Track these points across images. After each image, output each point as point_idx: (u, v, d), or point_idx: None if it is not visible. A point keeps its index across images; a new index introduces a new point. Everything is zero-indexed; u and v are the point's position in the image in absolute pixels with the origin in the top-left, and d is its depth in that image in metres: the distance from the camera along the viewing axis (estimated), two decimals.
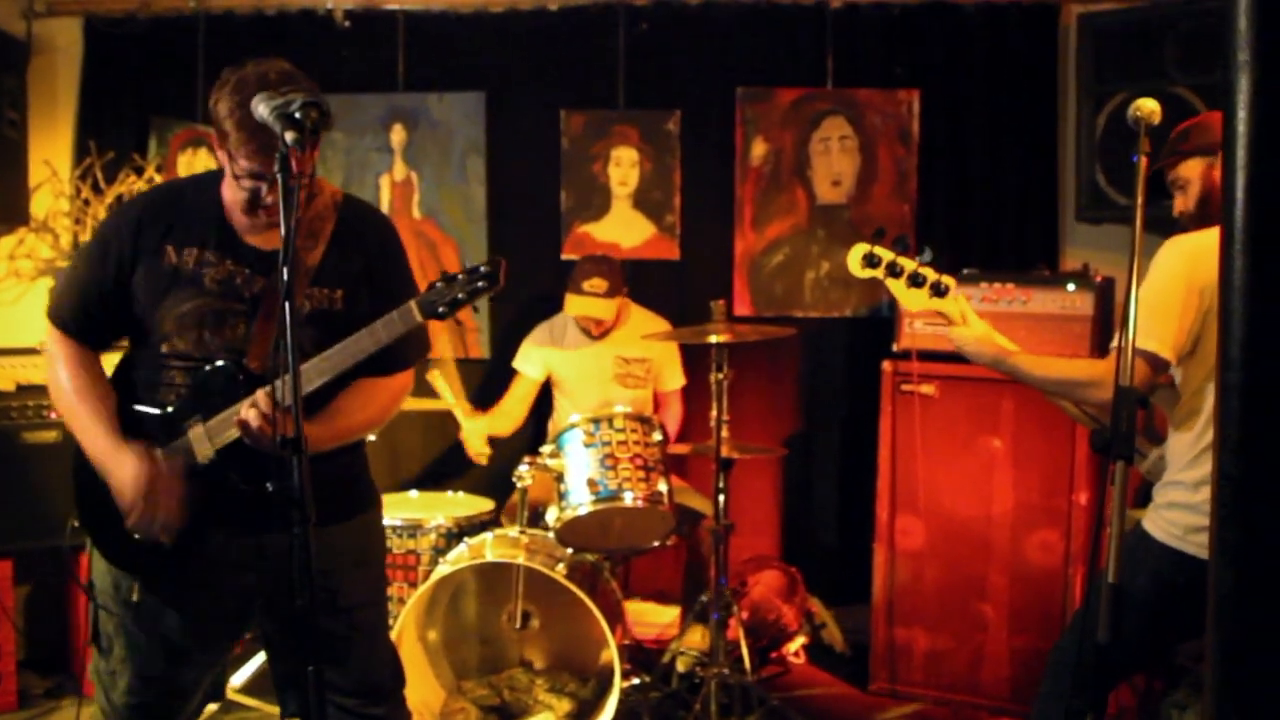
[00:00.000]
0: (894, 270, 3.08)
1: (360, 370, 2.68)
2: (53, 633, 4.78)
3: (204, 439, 2.63)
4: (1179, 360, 2.87)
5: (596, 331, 4.93)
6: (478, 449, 4.89)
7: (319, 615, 2.68)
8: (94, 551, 2.77)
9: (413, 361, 2.86)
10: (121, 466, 2.60)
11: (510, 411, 5.11)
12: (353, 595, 2.79)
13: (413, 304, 2.54)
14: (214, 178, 2.76)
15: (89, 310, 2.71)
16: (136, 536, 2.62)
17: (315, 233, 2.70)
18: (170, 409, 2.65)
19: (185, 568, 2.67)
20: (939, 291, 3.06)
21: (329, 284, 2.70)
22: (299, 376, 2.28)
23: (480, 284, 2.52)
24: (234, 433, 2.58)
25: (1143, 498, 3.21)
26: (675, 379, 5.21)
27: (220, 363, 2.62)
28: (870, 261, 3.10)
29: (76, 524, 2.78)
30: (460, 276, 2.53)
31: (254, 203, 2.60)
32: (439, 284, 2.54)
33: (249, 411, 2.51)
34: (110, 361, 2.80)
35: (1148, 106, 2.57)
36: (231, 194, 2.66)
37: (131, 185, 5.18)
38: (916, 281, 3.07)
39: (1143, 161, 2.53)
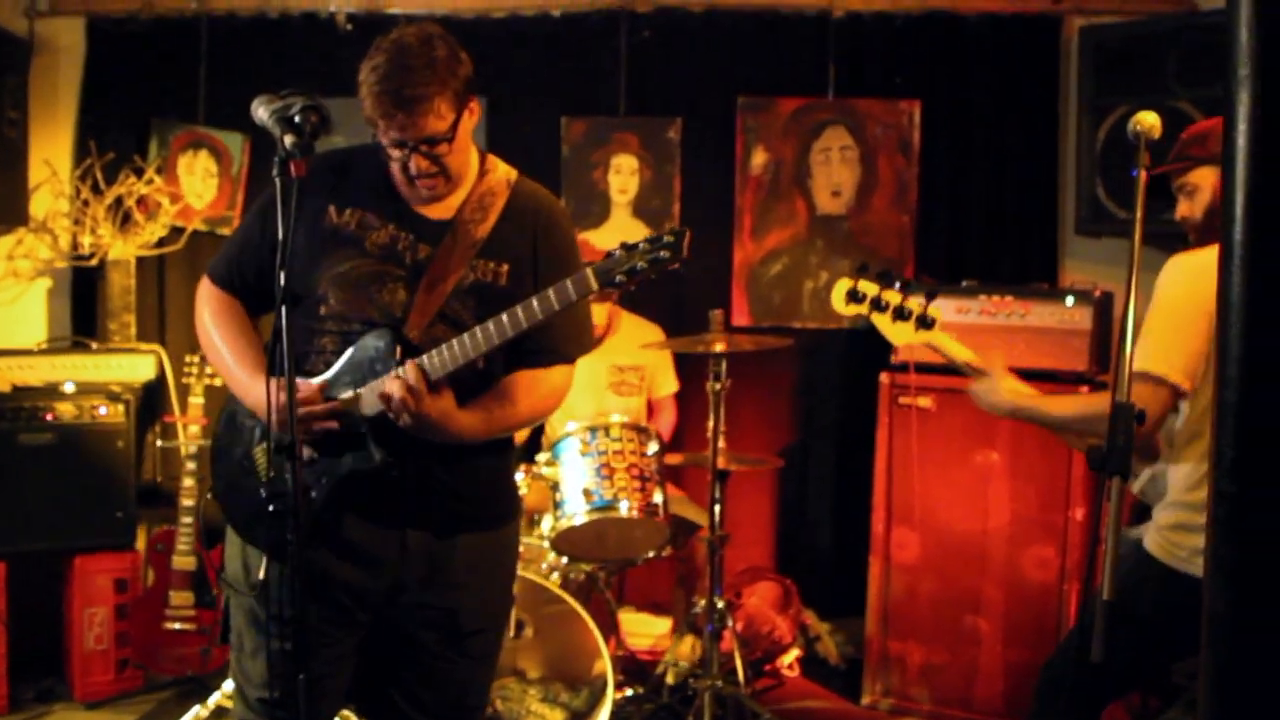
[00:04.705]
0: (878, 305, 3.06)
1: (520, 361, 2.62)
2: (43, 637, 4.77)
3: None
4: (1193, 385, 2.82)
5: None
6: None
7: (423, 633, 2.65)
8: (227, 538, 2.70)
9: (573, 356, 2.73)
10: (257, 390, 2.53)
11: None
12: (473, 620, 2.68)
13: (589, 270, 2.36)
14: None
15: (242, 267, 2.69)
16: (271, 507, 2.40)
17: (486, 206, 2.63)
18: (322, 376, 2.56)
19: (316, 549, 2.48)
20: (925, 324, 3.03)
21: (495, 257, 2.60)
22: (294, 381, 2.25)
23: (663, 254, 2.34)
24: (383, 405, 2.47)
25: (1137, 516, 3.19)
26: (668, 385, 5.19)
27: (379, 328, 2.52)
28: (854, 297, 3.08)
29: (210, 495, 2.75)
30: (641, 244, 2.35)
31: (403, 171, 2.55)
32: (618, 251, 2.36)
33: (393, 384, 2.41)
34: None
35: (1148, 121, 2.55)
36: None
37: (131, 186, 5.17)
38: (902, 315, 3.05)
39: (1142, 176, 2.52)
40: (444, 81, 2.45)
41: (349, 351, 2.54)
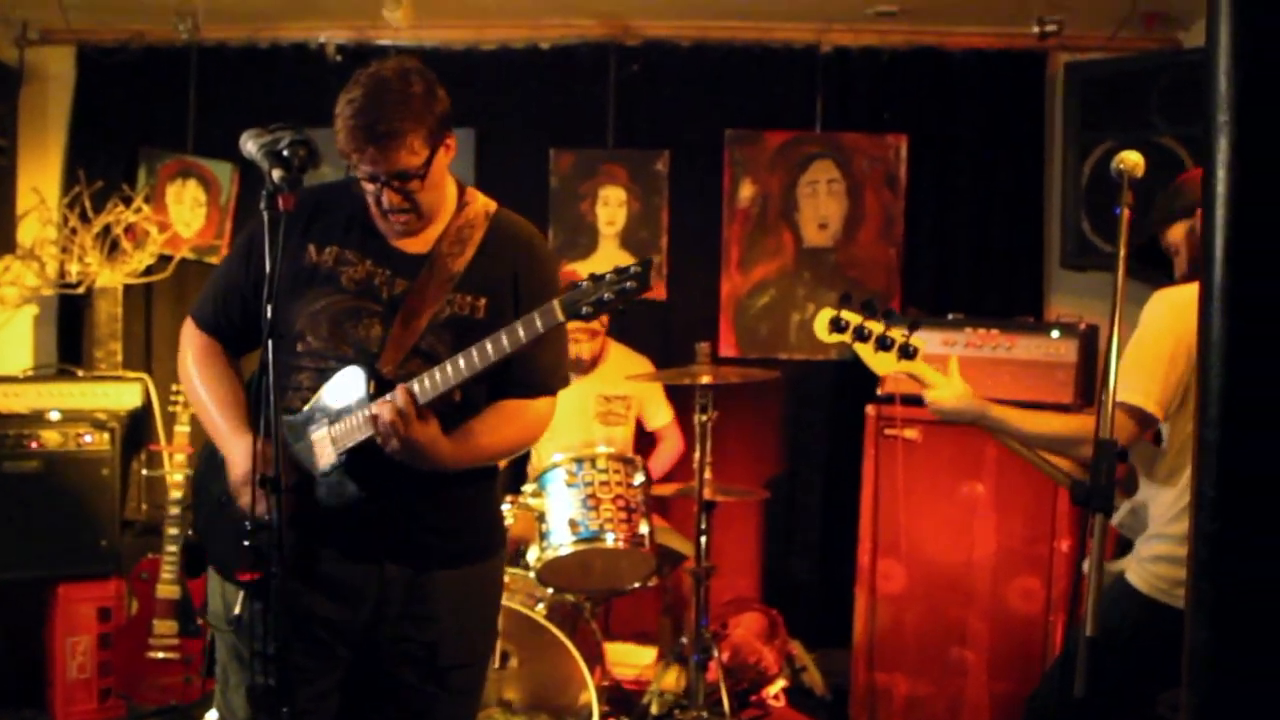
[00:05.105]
0: (861, 334, 3.05)
1: (501, 391, 2.62)
2: (25, 665, 4.74)
3: (328, 443, 2.51)
4: (1166, 416, 2.86)
5: (576, 371, 4.93)
6: None
7: (403, 668, 2.62)
8: (210, 575, 2.69)
9: (554, 388, 2.72)
10: (236, 448, 2.54)
11: None
12: (453, 654, 2.65)
13: (555, 302, 2.33)
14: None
15: (226, 308, 2.68)
16: (246, 543, 2.37)
17: (463, 239, 2.62)
18: (298, 414, 2.55)
19: (292, 584, 2.43)
20: (907, 354, 3.02)
21: (473, 290, 2.59)
22: (279, 420, 2.26)
23: (629, 284, 2.30)
24: (361, 436, 2.46)
25: (1120, 548, 3.20)
26: (663, 414, 5.20)
27: (352, 365, 2.50)
28: (837, 326, 3.07)
29: (191, 533, 2.74)
30: (608, 276, 2.32)
31: (376, 204, 2.54)
32: (584, 283, 2.33)
33: (383, 406, 2.40)
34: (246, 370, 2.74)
35: (1131, 159, 2.58)
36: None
37: (119, 215, 5.17)
38: (884, 345, 3.03)
39: (1125, 214, 2.54)
40: (419, 118, 2.44)
41: (324, 388, 2.53)
